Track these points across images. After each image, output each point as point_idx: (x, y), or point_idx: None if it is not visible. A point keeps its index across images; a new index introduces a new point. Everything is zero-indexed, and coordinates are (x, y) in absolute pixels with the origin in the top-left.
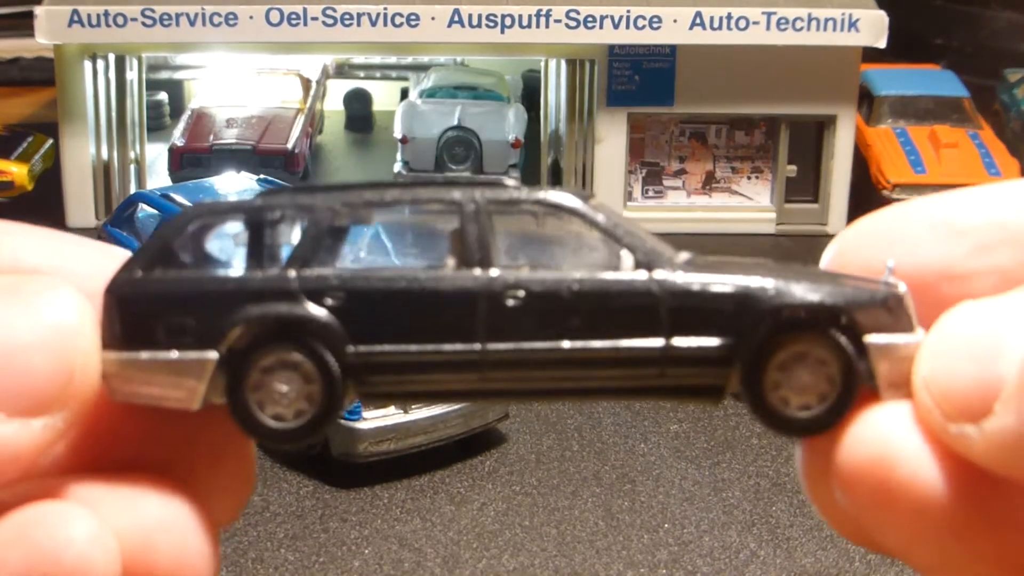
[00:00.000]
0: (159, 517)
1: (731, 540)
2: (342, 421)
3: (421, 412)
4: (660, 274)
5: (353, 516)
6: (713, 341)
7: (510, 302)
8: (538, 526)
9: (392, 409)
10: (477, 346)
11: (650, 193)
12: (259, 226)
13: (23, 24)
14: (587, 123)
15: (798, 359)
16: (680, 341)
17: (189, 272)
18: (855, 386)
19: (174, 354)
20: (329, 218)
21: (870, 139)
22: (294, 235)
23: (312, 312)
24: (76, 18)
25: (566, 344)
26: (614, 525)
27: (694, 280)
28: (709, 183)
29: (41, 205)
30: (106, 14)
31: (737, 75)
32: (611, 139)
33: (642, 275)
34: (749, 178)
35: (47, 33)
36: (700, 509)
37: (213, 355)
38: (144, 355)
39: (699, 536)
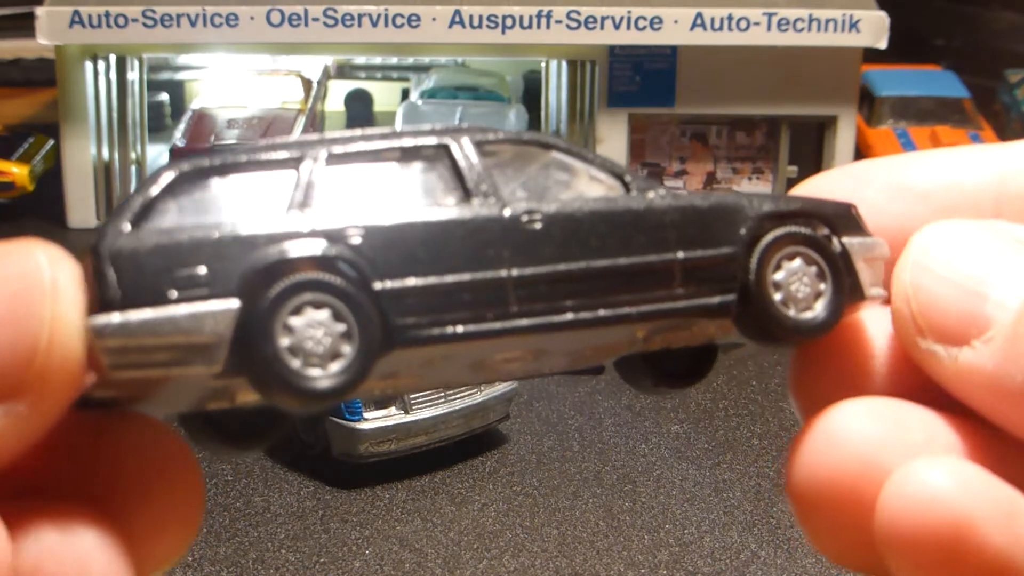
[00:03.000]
0: (52, 547)
1: (732, 541)
2: (343, 421)
3: (422, 412)
4: (654, 195)
5: (354, 517)
6: (715, 251)
7: (529, 228)
8: (539, 527)
9: (393, 409)
10: (503, 272)
11: None
12: (246, 176)
13: (24, 25)
14: (588, 124)
15: (789, 262)
16: (688, 253)
17: (187, 221)
18: (844, 281)
19: (188, 307)
20: (318, 166)
21: (871, 140)
22: (283, 184)
23: (335, 250)
24: (77, 19)
25: (589, 264)
26: (615, 526)
27: (689, 198)
28: (710, 184)
29: (42, 206)
30: (107, 15)
31: (738, 76)
32: (612, 140)
33: (639, 196)
34: (750, 179)
35: (48, 34)
36: (701, 510)
37: (235, 303)
38: (151, 314)
39: (700, 537)
